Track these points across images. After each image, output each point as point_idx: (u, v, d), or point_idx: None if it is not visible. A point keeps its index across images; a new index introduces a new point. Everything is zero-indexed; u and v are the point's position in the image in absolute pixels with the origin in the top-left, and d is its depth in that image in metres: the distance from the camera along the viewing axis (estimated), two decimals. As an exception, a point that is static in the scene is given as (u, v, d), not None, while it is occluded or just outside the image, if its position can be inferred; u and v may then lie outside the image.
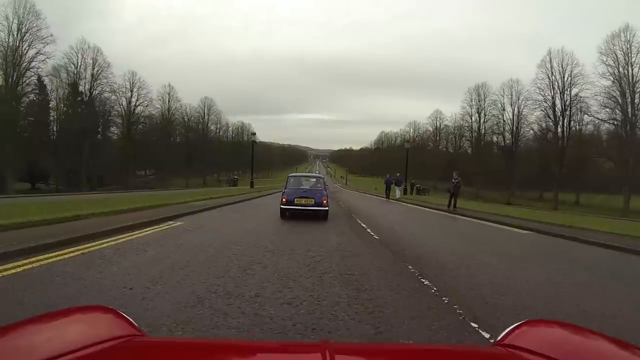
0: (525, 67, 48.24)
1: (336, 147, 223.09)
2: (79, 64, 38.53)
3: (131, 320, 0.89)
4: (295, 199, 9.22)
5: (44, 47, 33.07)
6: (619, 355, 0.80)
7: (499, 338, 0.88)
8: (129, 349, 0.77)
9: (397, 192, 24.42)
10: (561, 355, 0.73)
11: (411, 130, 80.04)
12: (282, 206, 9.37)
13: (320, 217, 9.27)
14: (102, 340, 0.75)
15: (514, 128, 46.35)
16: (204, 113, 61.60)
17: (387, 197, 23.74)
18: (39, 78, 36.18)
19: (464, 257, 5.53)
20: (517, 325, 0.90)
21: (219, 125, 67.18)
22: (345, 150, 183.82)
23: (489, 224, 10.56)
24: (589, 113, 35.77)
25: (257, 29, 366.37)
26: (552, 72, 39.37)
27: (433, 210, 15.06)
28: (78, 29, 64.66)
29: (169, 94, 51.86)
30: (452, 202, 14.45)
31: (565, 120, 38.87)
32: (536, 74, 40.28)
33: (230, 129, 75.60)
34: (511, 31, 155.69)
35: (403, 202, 21.20)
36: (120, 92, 43.88)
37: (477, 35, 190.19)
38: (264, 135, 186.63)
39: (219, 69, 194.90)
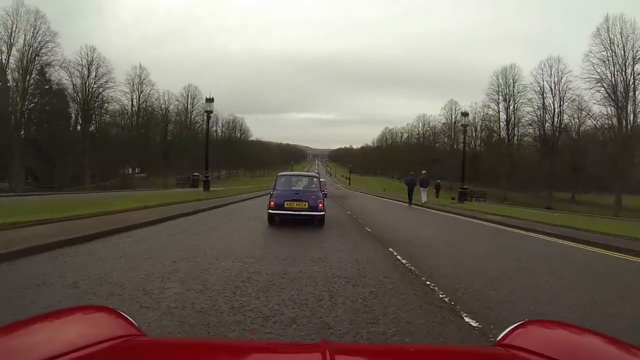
0: (527, 65, 42.49)
1: (335, 147, 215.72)
2: (15, 29, 30.46)
3: (131, 320, 0.86)
4: (286, 202, 7.97)
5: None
6: (618, 355, 0.78)
7: (499, 338, 0.86)
8: (129, 349, 0.76)
9: (423, 195, 18.52)
10: (561, 355, 0.72)
11: (420, 124, 72.45)
12: (269, 211, 8.13)
13: (314, 223, 8.10)
14: (102, 340, 0.73)
15: (554, 117, 38.40)
16: (187, 103, 53.52)
17: (410, 202, 18.07)
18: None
19: None
20: (517, 325, 0.87)
21: (204, 118, 58.91)
22: (346, 149, 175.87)
23: None
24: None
25: (256, 28, 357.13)
26: (610, 44, 31.46)
27: None
28: (75, 27, 57.86)
29: (139, 77, 43.73)
30: None
31: (630, 104, 30.92)
32: (589, 46, 32.33)
33: (220, 122, 67.50)
34: (511, 30, 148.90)
35: (480, 219, 11.21)
36: (75, 71, 35.76)
37: (477, 34, 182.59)
38: (262, 134, 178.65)
39: (217, 68, 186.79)
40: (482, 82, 48.22)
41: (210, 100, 17.77)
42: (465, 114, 18.70)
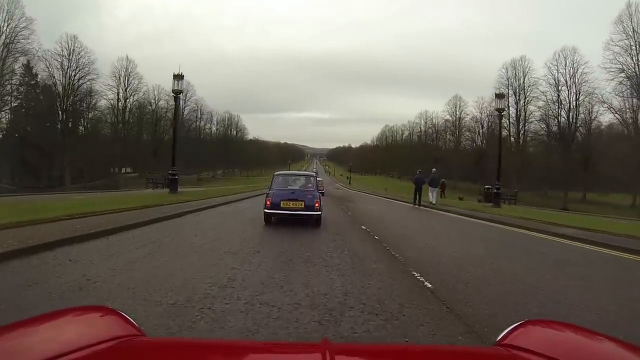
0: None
1: (334, 146, 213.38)
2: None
3: (131, 320, 0.86)
4: (282, 202, 7.92)
5: None
6: (619, 355, 0.78)
7: (499, 338, 0.86)
8: (129, 349, 0.75)
9: (432, 196, 16.60)
10: (561, 355, 0.72)
11: (422, 121, 70.11)
12: (265, 210, 8.06)
13: (311, 223, 8.00)
14: (101, 340, 0.73)
15: (570, 112, 36.04)
16: (179, 98, 50.84)
17: (416, 202, 16.30)
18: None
19: None
20: (517, 325, 0.87)
21: (198, 115, 56.29)
22: (344, 148, 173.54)
23: None
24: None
25: (253, 27, 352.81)
26: (633, 32, 29.13)
27: None
28: (71, 25, 55.35)
29: (126, 69, 41.07)
30: None
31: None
32: (611, 34, 30.02)
33: (215, 120, 64.97)
34: (510, 28, 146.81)
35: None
36: (55, 61, 33.13)
37: (476, 33, 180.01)
38: (261, 133, 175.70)
39: (214, 67, 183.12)
40: (483, 80, 46.19)
41: (179, 77, 14.43)
42: (500, 96, 15.96)
